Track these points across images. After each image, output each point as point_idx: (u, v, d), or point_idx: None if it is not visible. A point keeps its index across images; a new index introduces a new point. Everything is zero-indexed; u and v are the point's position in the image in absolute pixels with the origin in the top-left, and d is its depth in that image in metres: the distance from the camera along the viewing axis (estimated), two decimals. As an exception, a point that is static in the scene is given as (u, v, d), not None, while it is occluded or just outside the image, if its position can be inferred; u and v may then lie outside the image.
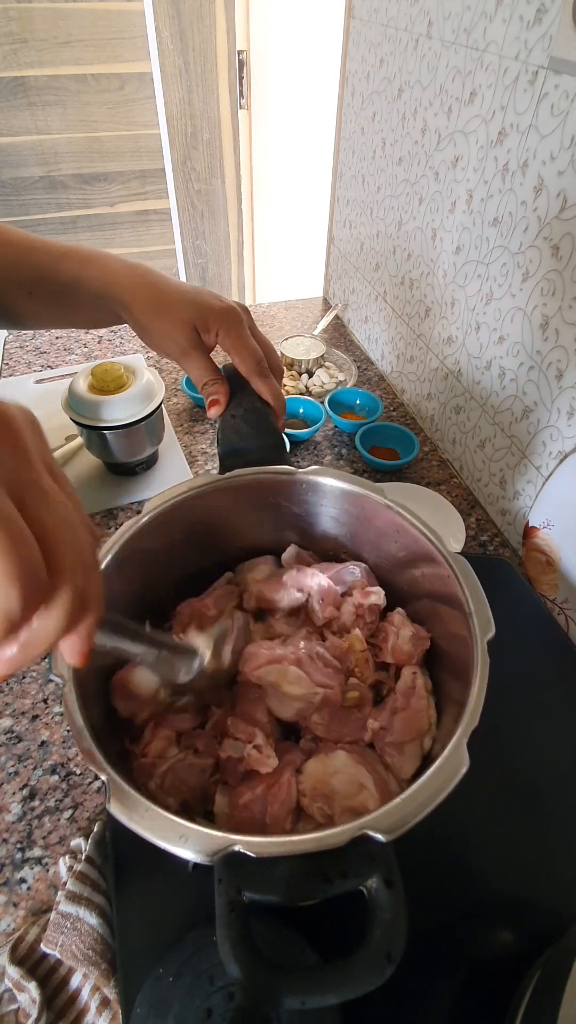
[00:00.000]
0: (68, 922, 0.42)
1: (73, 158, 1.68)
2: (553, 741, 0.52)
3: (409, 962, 0.27)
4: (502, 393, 0.69)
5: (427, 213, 0.77)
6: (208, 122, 1.73)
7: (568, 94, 0.51)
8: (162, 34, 1.54)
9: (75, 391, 0.70)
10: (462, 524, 0.69)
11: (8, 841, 0.48)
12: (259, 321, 1.14)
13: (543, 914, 0.43)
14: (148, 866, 0.44)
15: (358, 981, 0.26)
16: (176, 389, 0.95)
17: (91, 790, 0.51)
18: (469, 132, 0.65)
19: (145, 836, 0.30)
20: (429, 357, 0.84)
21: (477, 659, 0.37)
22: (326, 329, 1.11)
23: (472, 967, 0.40)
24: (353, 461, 0.84)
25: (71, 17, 1.47)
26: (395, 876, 0.28)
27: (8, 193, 1.69)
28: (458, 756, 0.32)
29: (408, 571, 0.49)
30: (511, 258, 0.62)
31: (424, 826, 0.30)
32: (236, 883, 0.28)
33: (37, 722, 0.55)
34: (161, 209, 1.85)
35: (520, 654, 0.58)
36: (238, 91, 1.70)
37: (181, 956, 0.38)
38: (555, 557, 0.62)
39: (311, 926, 0.39)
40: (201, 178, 1.82)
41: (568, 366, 0.57)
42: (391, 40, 0.77)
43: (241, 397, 0.51)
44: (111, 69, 1.57)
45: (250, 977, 0.26)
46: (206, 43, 1.60)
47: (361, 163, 0.93)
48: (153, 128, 1.70)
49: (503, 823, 0.47)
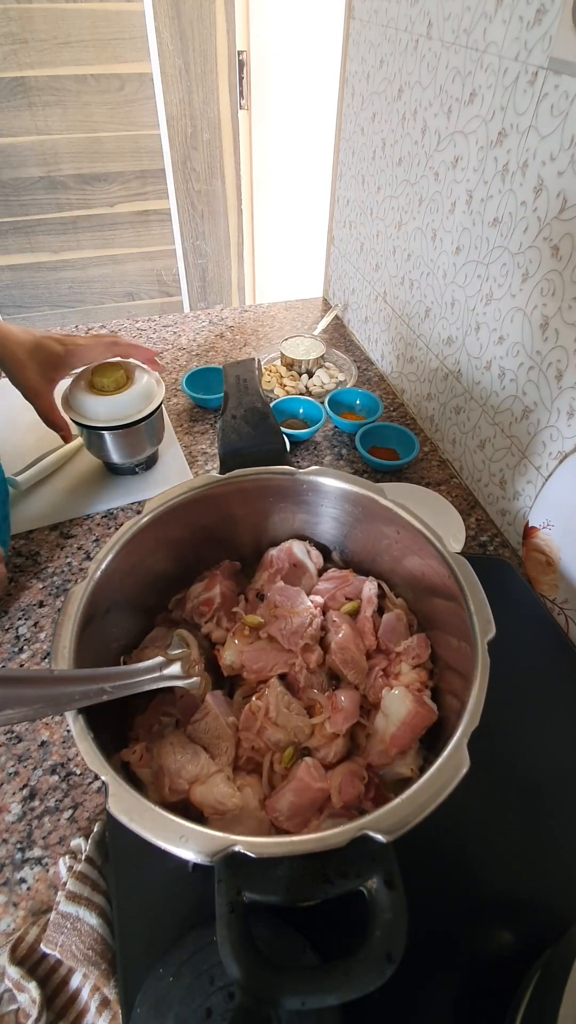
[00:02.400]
0: (68, 922, 0.42)
1: (73, 158, 1.68)
2: (553, 741, 0.52)
3: (409, 962, 0.27)
4: (502, 393, 0.69)
5: (427, 213, 0.77)
6: (208, 122, 1.73)
7: (568, 95, 0.51)
8: (162, 34, 1.54)
9: (75, 391, 0.70)
10: (462, 524, 0.69)
11: (8, 841, 0.48)
12: (259, 321, 1.14)
13: (543, 914, 0.43)
14: (148, 866, 0.44)
15: (358, 981, 0.26)
16: (176, 389, 0.95)
17: (91, 790, 0.51)
18: (469, 132, 0.65)
19: (145, 836, 0.30)
20: (429, 357, 0.84)
21: (477, 659, 0.37)
22: (326, 329, 1.12)
23: (472, 967, 0.40)
24: (353, 461, 0.84)
25: (71, 17, 1.47)
26: (395, 876, 0.28)
27: (8, 193, 1.69)
28: (458, 756, 0.32)
29: (408, 571, 0.50)
30: (511, 258, 0.62)
31: (424, 826, 0.30)
32: (236, 883, 0.28)
33: (37, 722, 0.55)
34: (161, 209, 1.85)
35: (520, 654, 0.58)
36: (238, 91, 1.70)
37: (181, 956, 0.38)
38: (555, 557, 0.62)
39: (311, 926, 0.39)
40: (201, 178, 1.82)
41: (568, 366, 0.57)
42: (391, 41, 0.77)
43: (241, 397, 0.51)
44: (111, 69, 1.57)
45: (250, 977, 0.26)
46: (206, 43, 1.60)
47: (361, 163, 0.93)
48: (153, 128, 1.70)
49: (503, 823, 0.47)
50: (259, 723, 0.43)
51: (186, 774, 0.40)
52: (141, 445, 0.75)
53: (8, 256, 1.81)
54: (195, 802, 0.39)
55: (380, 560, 0.53)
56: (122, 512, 0.75)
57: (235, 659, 0.47)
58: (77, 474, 0.79)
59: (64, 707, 0.34)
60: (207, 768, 0.41)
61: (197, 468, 0.82)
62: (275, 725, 0.43)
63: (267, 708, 0.43)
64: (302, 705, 0.45)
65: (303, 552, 0.54)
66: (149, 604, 0.51)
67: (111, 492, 0.77)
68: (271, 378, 0.95)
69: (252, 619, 0.49)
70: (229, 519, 0.52)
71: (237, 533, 0.54)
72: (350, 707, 0.44)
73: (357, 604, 0.51)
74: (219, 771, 0.41)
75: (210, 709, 0.44)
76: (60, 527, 0.73)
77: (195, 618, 0.51)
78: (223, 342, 1.08)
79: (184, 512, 0.48)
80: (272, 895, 0.28)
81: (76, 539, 0.72)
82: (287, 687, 0.46)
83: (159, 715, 0.45)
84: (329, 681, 0.48)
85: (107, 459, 0.77)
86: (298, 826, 0.39)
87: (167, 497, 0.47)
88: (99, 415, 0.70)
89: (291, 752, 0.43)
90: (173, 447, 0.84)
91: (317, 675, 0.47)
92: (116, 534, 0.44)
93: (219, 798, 0.39)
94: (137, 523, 0.45)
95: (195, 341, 1.07)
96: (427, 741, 0.43)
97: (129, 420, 0.70)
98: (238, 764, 0.43)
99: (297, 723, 0.44)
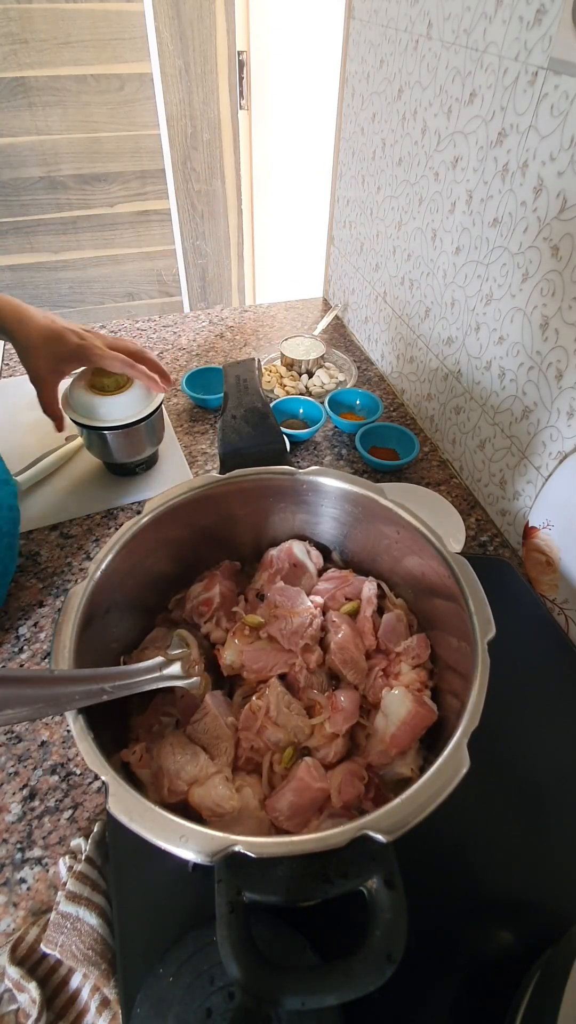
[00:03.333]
0: (68, 922, 0.42)
1: (73, 158, 1.68)
2: (553, 741, 0.52)
3: (409, 962, 0.27)
4: (502, 393, 0.69)
5: (427, 213, 0.77)
6: (208, 123, 1.73)
7: (568, 95, 0.51)
8: (162, 35, 1.54)
9: (75, 391, 0.70)
10: (462, 524, 0.69)
11: (8, 841, 0.48)
12: (259, 321, 1.14)
13: (543, 914, 0.43)
14: (148, 866, 0.44)
15: (358, 981, 0.26)
16: (176, 389, 0.95)
17: (91, 790, 0.51)
18: (469, 133, 0.65)
19: (145, 836, 0.30)
20: (429, 357, 0.84)
21: (477, 659, 0.37)
22: (326, 329, 1.12)
23: (472, 967, 0.40)
24: (353, 461, 0.84)
25: (71, 18, 1.47)
26: (396, 876, 0.28)
27: (8, 194, 1.69)
28: (458, 756, 0.32)
29: (408, 571, 0.50)
30: (511, 258, 0.62)
31: (424, 826, 0.30)
32: (236, 883, 0.28)
33: (37, 722, 0.55)
34: (161, 210, 1.85)
35: (520, 654, 0.58)
36: (238, 92, 1.70)
37: (181, 956, 0.38)
38: (555, 557, 0.62)
39: (311, 926, 0.39)
40: (201, 179, 1.82)
41: (568, 366, 0.57)
42: (391, 41, 0.77)
43: (241, 397, 0.51)
44: (111, 70, 1.57)
45: (250, 977, 0.26)
46: (206, 44, 1.60)
47: (361, 163, 0.93)
48: (153, 129, 1.70)
49: (503, 823, 0.47)
50: (259, 722, 0.43)
51: (185, 775, 0.40)
52: (141, 445, 0.75)
53: (8, 256, 1.81)
54: (193, 804, 0.39)
55: (380, 560, 0.53)
56: (122, 512, 0.75)
57: (235, 658, 0.47)
58: (77, 474, 0.79)
59: (64, 707, 0.34)
60: (206, 769, 0.41)
61: (197, 468, 0.82)
62: (275, 725, 0.43)
63: (268, 707, 0.43)
64: (302, 705, 0.45)
65: (303, 552, 0.54)
66: (149, 604, 0.51)
67: (111, 492, 0.77)
68: (271, 378, 0.95)
69: (252, 619, 0.49)
70: (229, 519, 0.52)
71: (237, 533, 0.54)
72: (350, 707, 0.44)
73: (357, 604, 0.51)
74: (218, 772, 0.41)
75: (209, 709, 0.44)
76: (60, 527, 0.73)
77: (194, 618, 0.51)
78: (223, 342, 1.08)
79: (184, 512, 0.48)
80: (272, 895, 0.28)
81: (76, 539, 0.72)
82: (287, 687, 0.46)
83: (159, 715, 0.45)
84: (329, 681, 0.48)
85: (107, 459, 0.77)
86: (298, 826, 0.39)
87: (167, 497, 0.47)
88: (99, 415, 0.70)
89: (290, 753, 0.43)
90: (173, 447, 0.84)
91: (317, 675, 0.47)
92: (116, 534, 0.44)
93: (217, 800, 0.39)
94: (137, 523, 0.45)
95: (195, 341, 1.07)
96: (427, 741, 0.43)
97: (129, 420, 0.70)
98: (237, 764, 0.43)
99: (297, 723, 0.44)
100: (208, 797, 0.39)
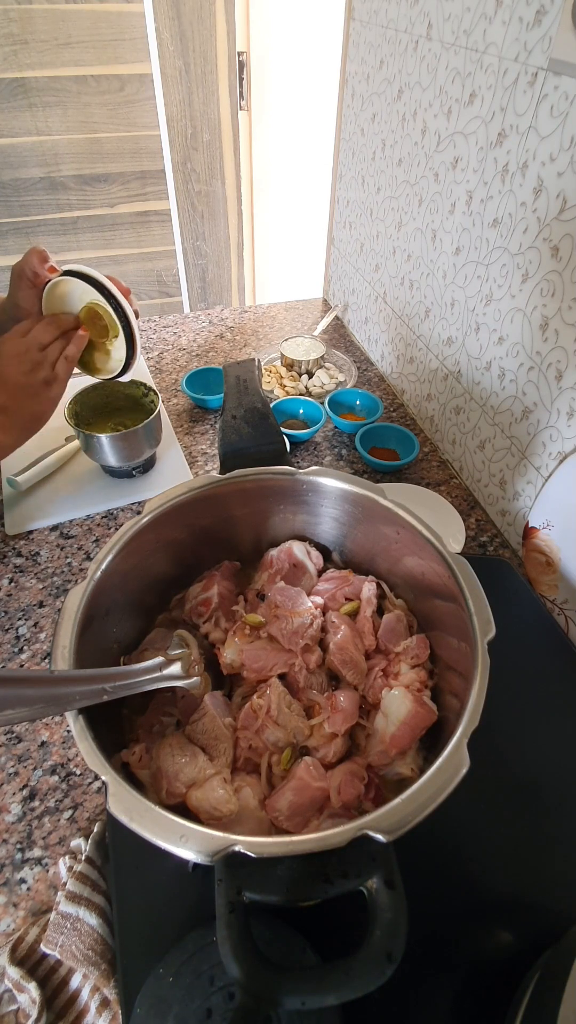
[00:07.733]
0: (68, 922, 0.42)
1: (73, 159, 1.68)
2: (553, 741, 0.52)
3: (409, 962, 0.27)
4: (502, 394, 0.69)
5: (427, 214, 0.77)
6: (208, 123, 1.73)
7: (567, 95, 0.51)
8: (162, 35, 1.55)
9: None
10: (462, 524, 0.69)
11: (8, 841, 0.48)
12: (259, 322, 1.14)
13: (543, 914, 0.43)
14: (148, 866, 0.44)
15: (358, 981, 0.26)
16: (176, 389, 0.95)
17: (91, 790, 0.51)
18: (469, 133, 0.65)
19: (145, 836, 0.30)
20: (429, 358, 0.84)
21: (477, 659, 0.37)
22: (326, 330, 1.12)
23: (472, 967, 0.40)
24: (353, 462, 0.84)
25: (71, 18, 1.47)
26: (395, 876, 0.28)
27: (8, 194, 1.69)
28: (458, 756, 0.32)
29: (408, 572, 0.50)
30: (511, 259, 0.62)
31: (424, 826, 0.30)
32: (236, 883, 0.28)
33: (37, 722, 0.55)
34: (161, 210, 1.85)
35: (520, 654, 0.58)
36: (238, 92, 1.71)
37: (181, 956, 0.38)
38: (555, 557, 0.62)
39: (311, 926, 0.39)
40: (201, 179, 1.82)
41: (568, 367, 0.57)
42: (391, 42, 0.77)
43: (241, 398, 0.52)
44: (111, 70, 1.57)
45: (250, 977, 0.26)
46: (206, 44, 1.60)
47: (361, 164, 0.93)
48: (153, 129, 1.70)
49: (503, 823, 0.47)
50: (260, 721, 0.43)
51: (183, 777, 0.40)
52: (139, 449, 0.75)
53: (8, 256, 1.81)
54: (191, 807, 0.39)
55: (380, 560, 0.53)
56: (122, 512, 0.75)
57: (235, 658, 0.47)
58: (77, 475, 0.79)
59: (64, 707, 0.34)
60: (204, 771, 0.41)
61: (197, 468, 0.83)
62: (276, 724, 0.43)
63: (268, 707, 0.43)
64: (301, 706, 0.45)
65: (303, 552, 0.54)
66: (149, 604, 0.51)
67: (111, 492, 0.77)
68: (271, 378, 0.95)
69: (253, 618, 0.49)
70: (229, 519, 0.52)
71: (237, 533, 0.54)
72: (349, 708, 0.44)
73: (357, 604, 0.51)
74: (216, 774, 0.41)
75: (207, 710, 0.44)
76: (60, 527, 0.73)
77: (194, 618, 0.51)
78: (223, 343, 1.08)
79: (184, 512, 0.48)
80: (272, 895, 0.28)
81: (76, 539, 0.72)
82: (286, 687, 0.46)
83: (159, 715, 0.45)
84: (328, 681, 0.48)
85: (104, 463, 0.77)
86: (298, 826, 0.39)
87: (167, 497, 0.47)
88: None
89: (289, 753, 0.43)
90: (173, 448, 0.84)
91: (316, 675, 0.47)
92: (116, 534, 0.44)
93: (215, 803, 0.39)
94: (137, 523, 0.45)
95: (195, 342, 1.07)
96: (427, 741, 0.43)
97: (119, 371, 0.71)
98: (236, 765, 0.43)
99: (297, 723, 0.44)
100: (206, 800, 0.39)
